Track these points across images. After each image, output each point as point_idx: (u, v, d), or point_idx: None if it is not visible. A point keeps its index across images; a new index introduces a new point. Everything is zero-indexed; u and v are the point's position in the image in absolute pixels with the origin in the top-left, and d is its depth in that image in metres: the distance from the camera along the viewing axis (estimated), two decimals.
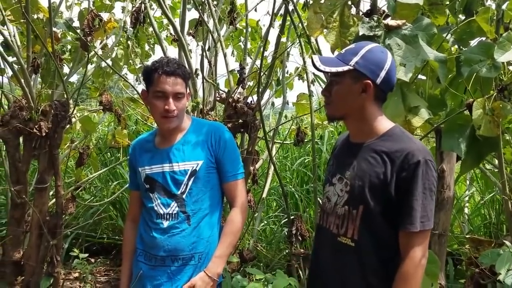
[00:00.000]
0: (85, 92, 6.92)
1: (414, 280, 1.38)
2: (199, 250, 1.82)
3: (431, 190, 1.39)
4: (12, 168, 3.20)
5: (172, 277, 1.80)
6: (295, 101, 4.02)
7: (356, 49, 1.47)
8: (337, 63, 1.45)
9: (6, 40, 3.10)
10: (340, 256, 1.50)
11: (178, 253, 1.79)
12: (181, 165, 1.82)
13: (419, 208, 1.36)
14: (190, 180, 1.81)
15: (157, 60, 1.78)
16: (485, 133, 1.99)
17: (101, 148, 5.35)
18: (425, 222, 1.38)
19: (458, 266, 3.48)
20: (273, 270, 3.55)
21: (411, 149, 1.40)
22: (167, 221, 1.80)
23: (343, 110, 1.50)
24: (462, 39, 2.31)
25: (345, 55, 1.47)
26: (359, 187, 1.44)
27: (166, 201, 1.82)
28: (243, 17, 4.06)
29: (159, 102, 1.76)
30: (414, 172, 1.37)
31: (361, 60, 1.43)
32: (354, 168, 1.49)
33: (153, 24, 3.53)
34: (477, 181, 4.36)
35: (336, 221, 1.52)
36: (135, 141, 2.01)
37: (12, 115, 3.07)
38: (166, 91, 1.74)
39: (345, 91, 1.46)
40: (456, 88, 2.31)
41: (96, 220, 4.33)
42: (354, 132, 1.57)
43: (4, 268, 3.27)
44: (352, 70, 1.43)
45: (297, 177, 4.95)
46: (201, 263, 1.82)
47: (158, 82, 1.74)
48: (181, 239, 1.80)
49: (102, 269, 4.26)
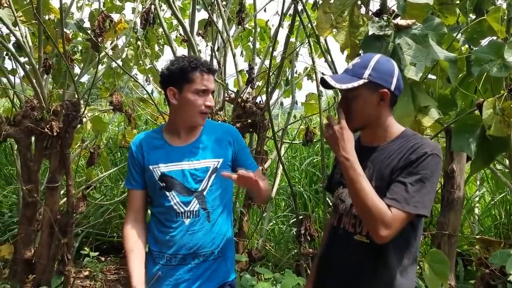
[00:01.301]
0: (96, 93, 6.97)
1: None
2: (218, 246, 1.86)
3: (430, 181, 1.42)
4: (24, 167, 3.24)
5: (193, 273, 1.82)
6: (304, 101, 4.03)
7: (364, 63, 1.52)
8: (350, 79, 1.49)
9: (18, 41, 3.14)
10: (356, 254, 1.54)
11: (200, 250, 1.81)
12: (202, 162, 1.85)
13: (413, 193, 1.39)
14: (211, 177, 1.84)
15: (190, 59, 1.81)
16: (495, 133, 1.97)
17: (112, 148, 5.39)
18: (419, 208, 1.39)
19: (468, 267, 3.46)
20: (281, 270, 3.55)
21: (422, 142, 1.47)
22: (188, 219, 1.81)
23: (363, 121, 1.55)
24: (473, 39, 2.30)
25: (355, 70, 1.51)
26: (378, 188, 1.47)
27: (185, 198, 1.82)
28: (252, 17, 4.07)
29: (200, 99, 1.81)
30: (418, 159, 1.42)
31: (373, 72, 1.49)
32: (370, 169, 1.53)
33: (163, 25, 3.56)
34: (487, 181, 4.33)
35: (352, 220, 1.57)
36: (139, 138, 1.95)
37: (24, 115, 3.11)
38: (209, 88, 1.82)
39: (363, 103, 1.51)
40: (466, 88, 2.30)
41: (106, 219, 4.37)
42: (369, 138, 1.61)
43: (15, 266, 3.31)
44: (367, 82, 1.49)
45: (306, 177, 4.96)
46: (219, 258, 1.86)
47: (202, 80, 1.79)
48: (203, 236, 1.82)
49: (112, 267, 4.29)
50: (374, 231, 1.40)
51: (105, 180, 4.88)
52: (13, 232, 4.11)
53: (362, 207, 1.41)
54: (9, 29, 3.09)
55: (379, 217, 1.37)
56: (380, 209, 1.37)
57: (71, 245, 3.34)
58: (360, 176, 1.42)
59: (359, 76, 1.49)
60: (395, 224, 1.38)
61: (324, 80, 1.54)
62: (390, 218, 1.37)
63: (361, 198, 1.40)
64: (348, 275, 1.56)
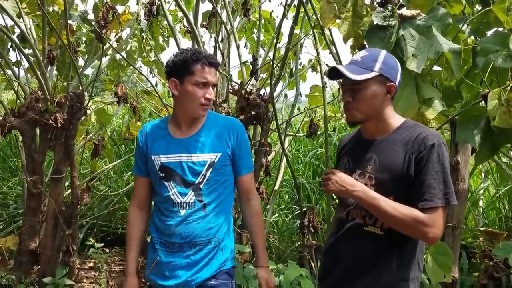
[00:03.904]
0: (100, 86, 6.99)
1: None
2: (215, 236, 1.90)
3: (447, 168, 1.46)
4: (29, 159, 3.26)
5: (189, 260, 1.87)
6: (308, 93, 4.01)
7: (374, 56, 1.56)
8: (362, 71, 1.52)
9: (22, 33, 3.14)
10: (366, 245, 1.56)
11: (195, 239, 1.87)
12: (200, 156, 1.88)
13: (439, 186, 1.43)
14: (208, 171, 1.88)
15: (193, 51, 1.84)
16: (500, 124, 1.96)
17: (116, 140, 5.41)
18: (450, 198, 1.44)
19: (472, 260, 3.45)
20: (285, 261, 3.56)
21: (426, 133, 1.50)
22: (184, 210, 1.87)
23: (368, 113, 1.57)
24: (479, 30, 2.28)
25: (365, 62, 1.54)
26: (385, 179, 1.51)
27: (182, 190, 1.87)
28: (256, 8, 4.04)
29: (200, 91, 1.83)
30: (430, 153, 1.46)
31: (384, 66, 1.54)
32: (376, 162, 1.56)
33: (167, 17, 3.54)
34: (492, 174, 4.31)
35: (362, 213, 1.58)
36: (146, 127, 2.02)
37: (28, 106, 3.12)
38: (209, 81, 1.83)
39: (371, 95, 1.54)
40: (472, 79, 2.28)
41: (110, 211, 4.39)
42: (371, 131, 1.63)
43: (20, 257, 3.33)
44: (378, 75, 1.53)
45: (310, 170, 4.95)
46: (216, 247, 1.91)
47: (202, 72, 1.82)
48: (197, 226, 1.86)
49: (116, 259, 4.32)
50: (422, 237, 1.46)
51: (109, 172, 4.90)
52: (18, 224, 4.15)
53: (397, 223, 1.45)
54: (13, 20, 3.09)
55: (418, 222, 1.41)
56: (414, 216, 1.42)
57: (76, 236, 3.36)
58: (379, 200, 1.47)
59: (370, 68, 1.52)
60: (437, 221, 1.42)
61: (335, 70, 1.57)
62: (428, 218, 1.41)
63: (392, 217, 1.44)
64: (358, 267, 1.57)
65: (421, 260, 1.58)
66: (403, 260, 1.53)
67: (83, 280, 3.81)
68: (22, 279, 3.26)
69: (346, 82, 1.57)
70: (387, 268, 1.52)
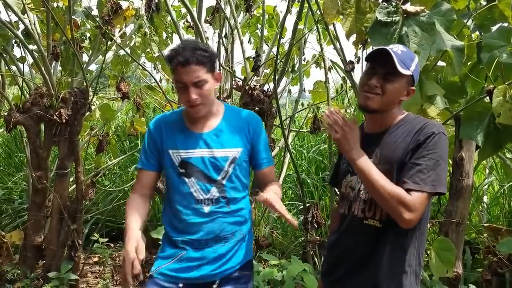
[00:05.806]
0: (104, 82, 7.00)
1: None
2: (239, 228, 1.86)
3: (443, 159, 1.46)
4: (33, 154, 3.28)
5: (216, 254, 1.81)
6: (312, 89, 4.00)
7: (411, 55, 1.57)
8: (402, 65, 1.50)
9: (26, 28, 3.14)
10: (367, 238, 1.56)
11: (221, 234, 1.81)
12: (221, 151, 1.80)
13: (429, 172, 1.43)
14: (230, 167, 1.81)
15: (174, 48, 1.71)
16: (505, 121, 1.95)
17: (120, 135, 5.42)
18: (437, 186, 1.43)
19: (476, 255, 3.45)
20: (288, 257, 3.57)
21: (427, 123, 1.52)
22: (208, 206, 1.79)
23: (385, 105, 1.56)
24: (483, 25, 2.27)
25: (405, 60, 1.52)
26: (387, 170, 1.50)
27: (205, 186, 1.79)
28: (260, 4, 4.03)
29: (182, 93, 1.73)
30: (427, 140, 1.46)
31: (415, 69, 1.55)
32: (377, 154, 1.56)
33: (171, 13, 3.54)
34: (496, 170, 4.30)
35: (361, 206, 1.59)
36: (158, 120, 1.90)
37: (33, 102, 3.14)
38: (185, 82, 1.68)
39: (398, 91, 1.55)
40: (477, 75, 2.27)
41: (115, 206, 4.40)
42: (375, 124, 1.64)
43: (25, 252, 3.36)
44: (410, 76, 1.54)
45: (313, 165, 4.95)
46: (241, 240, 1.87)
47: (176, 73, 1.70)
48: (223, 222, 1.81)
49: (121, 253, 4.34)
50: (398, 217, 1.43)
51: (114, 167, 4.92)
52: (23, 219, 4.17)
53: (381, 196, 1.43)
54: (17, 16, 3.10)
55: (399, 202, 1.40)
56: (398, 195, 1.41)
57: (81, 231, 3.38)
58: (370, 168, 1.46)
59: (407, 66, 1.52)
60: (417, 206, 1.41)
61: (384, 53, 1.50)
62: (410, 201, 1.41)
63: (378, 187, 1.43)
64: (360, 261, 1.58)
65: (421, 253, 1.58)
66: (403, 252, 1.53)
67: (87, 275, 3.83)
68: (28, 274, 3.29)
69: (382, 68, 1.53)
70: (387, 261, 1.52)
